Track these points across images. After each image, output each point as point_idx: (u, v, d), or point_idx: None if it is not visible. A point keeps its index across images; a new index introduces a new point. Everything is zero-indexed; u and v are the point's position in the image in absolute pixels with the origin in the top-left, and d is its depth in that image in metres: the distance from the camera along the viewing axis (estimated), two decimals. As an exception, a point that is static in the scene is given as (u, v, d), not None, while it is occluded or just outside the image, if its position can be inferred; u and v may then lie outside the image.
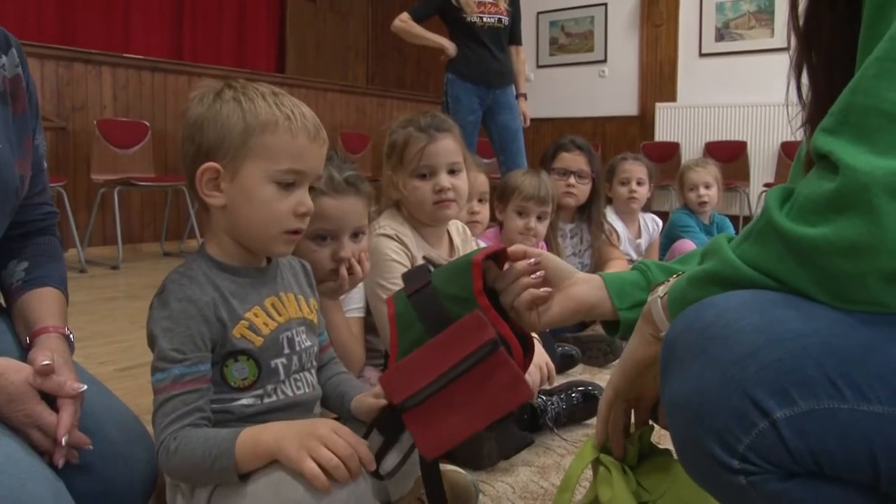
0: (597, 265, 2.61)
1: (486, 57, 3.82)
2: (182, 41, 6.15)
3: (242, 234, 1.03)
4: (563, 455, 1.48)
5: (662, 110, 6.69)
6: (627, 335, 0.96)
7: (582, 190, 2.55)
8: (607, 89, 7.09)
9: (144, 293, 3.52)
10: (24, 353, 1.02)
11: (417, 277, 0.88)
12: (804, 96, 0.81)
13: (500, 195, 2.23)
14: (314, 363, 1.12)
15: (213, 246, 1.06)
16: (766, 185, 5.80)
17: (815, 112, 0.79)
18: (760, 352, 0.60)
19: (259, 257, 1.08)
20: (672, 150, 6.51)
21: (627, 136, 6.89)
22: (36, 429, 0.92)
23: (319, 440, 0.86)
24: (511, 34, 3.95)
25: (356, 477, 0.85)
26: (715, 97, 6.41)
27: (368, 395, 1.07)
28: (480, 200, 2.14)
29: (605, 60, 7.09)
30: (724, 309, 0.65)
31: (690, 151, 6.42)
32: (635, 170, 2.94)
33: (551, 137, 5.58)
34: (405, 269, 1.54)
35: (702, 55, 6.56)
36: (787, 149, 5.96)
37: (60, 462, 0.92)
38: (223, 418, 0.99)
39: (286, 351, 1.05)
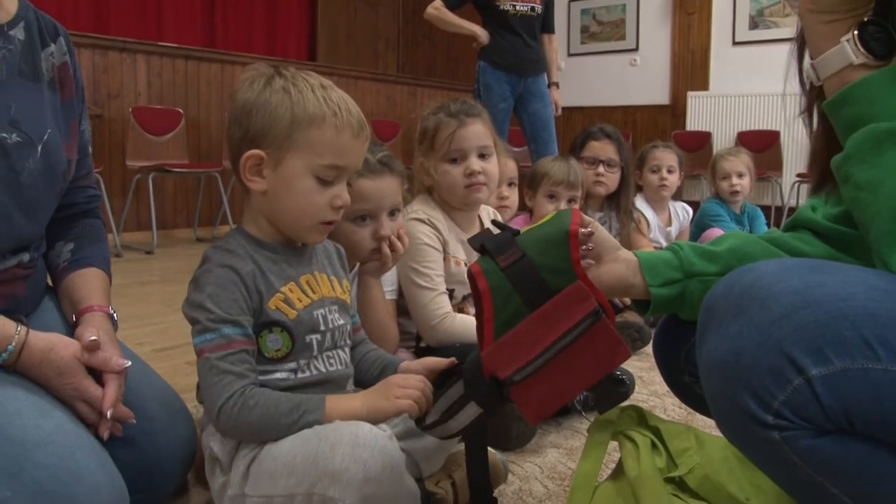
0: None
1: (519, 45, 3.81)
2: (215, 29, 6.21)
3: (279, 220, 1.07)
4: (591, 439, 1.50)
5: (694, 99, 6.60)
6: (658, 314, 0.97)
7: (611, 179, 2.55)
8: (639, 78, 7.01)
9: (178, 277, 3.59)
10: (70, 330, 1.06)
11: (507, 249, 0.85)
12: (805, 82, 0.81)
13: (530, 182, 2.24)
14: (347, 341, 1.15)
15: (251, 225, 1.09)
16: (799, 175, 5.71)
17: (816, 98, 0.78)
18: (798, 313, 0.61)
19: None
20: (704, 139, 6.43)
21: (659, 125, 6.82)
22: (83, 402, 0.96)
23: (398, 386, 1.00)
24: (544, 23, 3.93)
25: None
26: (748, 86, 6.29)
27: (417, 364, 1.12)
28: (510, 185, 2.15)
29: (636, 49, 7.00)
30: (764, 272, 0.66)
31: (722, 141, 6.34)
32: (666, 157, 2.92)
33: (582, 126, 5.54)
34: (438, 253, 1.57)
35: (735, 43, 6.44)
36: (821, 138, 5.84)
37: (105, 434, 0.96)
38: None
39: (321, 328, 1.08)
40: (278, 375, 1.05)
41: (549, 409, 0.87)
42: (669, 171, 2.91)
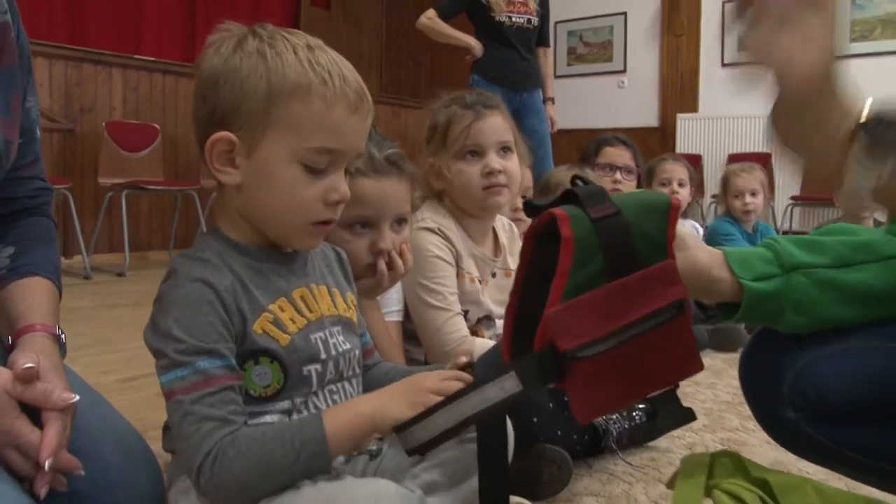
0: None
1: (514, 58, 3.65)
2: (195, 44, 6.00)
3: (260, 221, 0.86)
4: (632, 483, 1.29)
5: (684, 121, 6.55)
6: (749, 319, 0.80)
7: (629, 188, 2.38)
8: (627, 100, 6.94)
9: (151, 301, 3.34)
10: (5, 354, 0.84)
11: (600, 201, 0.71)
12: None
13: (542, 193, 2.04)
14: (356, 370, 0.93)
15: (228, 226, 0.88)
16: (793, 198, 5.62)
17: None
18: None
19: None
20: (694, 162, 6.32)
21: (648, 147, 6.69)
22: (13, 449, 0.73)
23: (431, 391, 0.76)
24: (539, 35, 3.79)
25: None
26: (738, 108, 6.23)
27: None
28: (523, 197, 1.95)
29: (624, 70, 6.97)
30: None
31: (713, 163, 6.26)
32: (676, 170, 2.75)
33: (569, 149, 5.39)
34: (451, 267, 1.36)
35: (724, 65, 6.42)
36: (814, 161, 5.76)
37: (43, 491, 0.73)
38: None
39: (321, 356, 0.86)
40: (267, 419, 0.83)
41: (603, 407, 0.77)
42: (680, 185, 2.74)
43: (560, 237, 0.72)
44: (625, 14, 6.87)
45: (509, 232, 1.58)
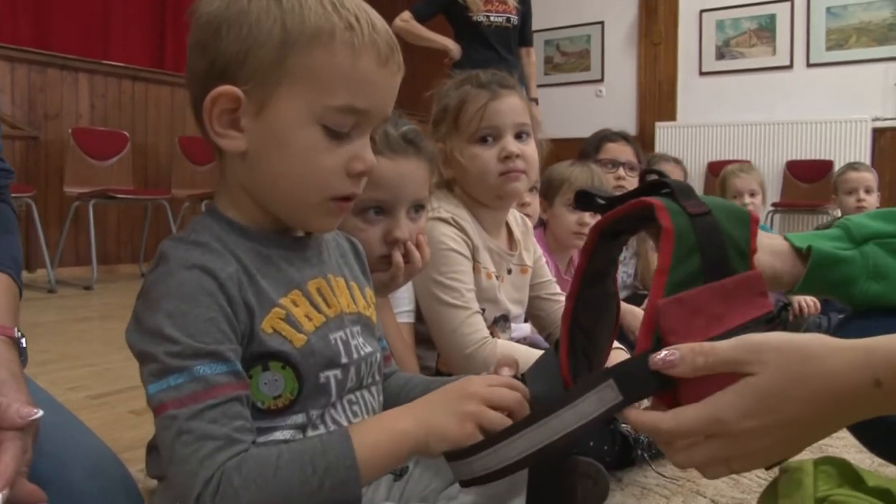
0: (643, 276, 2.31)
1: (493, 59, 3.54)
2: (164, 50, 5.83)
3: (269, 197, 0.71)
4: (668, 497, 1.16)
5: (662, 130, 6.53)
6: (815, 285, 0.78)
7: (633, 184, 2.26)
8: (605, 109, 6.90)
9: (121, 314, 3.16)
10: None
11: (692, 197, 0.66)
12: None
13: (545, 190, 1.92)
14: (376, 378, 0.79)
15: (228, 205, 0.73)
16: (774, 204, 5.59)
17: None
18: None
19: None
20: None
21: (628, 155, 6.68)
22: (-39, 478, 0.59)
23: (482, 400, 0.64)
24: (521, 35, 3.68)
25: None
26: (716, 116, 6.27)
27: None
28: (531, 189, 1.82)
29: (601, 80, 6.95)
30: None
31: (692, 171, 6.22)
32: (672, 174, 2.65)
33: (547, 159, 5.30)
34: (467, 261, 1.23)
35: (702, 73, 6.44)
36: (792, 168, 5.77)
37: (-2, 530, 0.59)
38: None
39: (342, 359, 0.72)
40: (278, 436, 0.68)
41: None
42: None
43: (622, 233, 0.70)
44: (602, 23, 6.86)
45: (522, 225, 1.45)
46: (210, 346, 0.62)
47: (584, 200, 0.73)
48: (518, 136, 1.28)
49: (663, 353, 0.57)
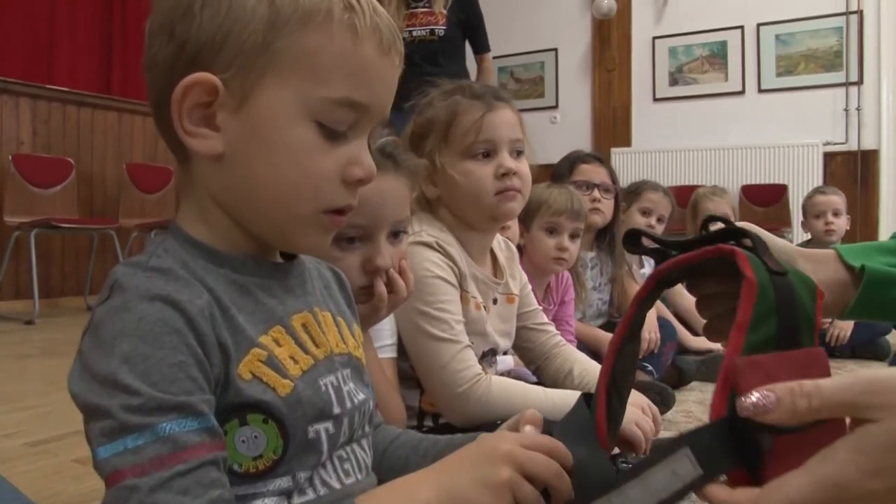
0: (620, 302, 2.25)
1: (413, 74, 3.34)
2: (111, 74, 5.65)
3: (248, 210, 0.60)
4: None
5: (618, 156, 6.58)
6: (867, 309, 0.72)
7: (608, 207, 2.21)
8: (560, 135, 6.91)
9: (65, 350, 2.98)
10: None
11: (770, 254, 0.58)
12: None
13: (522, 214, 1.84)
14: (366, 429, 0.68)
15: (195, 223, 0.61)
16: (735, 226, 5.64)
17: None
18: None
19: (269, 248, 0.65)
20: (632, 195, 6.34)
21: (585, 181, 6.71)
22: None
23: (514, 466, 0.53)
24: (472, 43, 3.49)
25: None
26: (671, 142, 6.36)
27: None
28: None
29: (556, 106, 7.00)
30: None
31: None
32: (661, 204, 2.60)
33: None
34: (454, 290, 1.14)
35: (656, 100, 6.53)
36: (747, 192, 5.84)
37: None
38: None
39: (334, 410, 0.61)
40: None
41: None
42: (659, 221, 2.59)
43: (667, 282, 0.63)
44: (555, 50, 6.91)
45: (507, 251, 1.36)
46: (178, 397, 0.51)
47: (633, 242, 0.67)
48: (513, 153, 1.20)
49: (754, 395, 0.48)
